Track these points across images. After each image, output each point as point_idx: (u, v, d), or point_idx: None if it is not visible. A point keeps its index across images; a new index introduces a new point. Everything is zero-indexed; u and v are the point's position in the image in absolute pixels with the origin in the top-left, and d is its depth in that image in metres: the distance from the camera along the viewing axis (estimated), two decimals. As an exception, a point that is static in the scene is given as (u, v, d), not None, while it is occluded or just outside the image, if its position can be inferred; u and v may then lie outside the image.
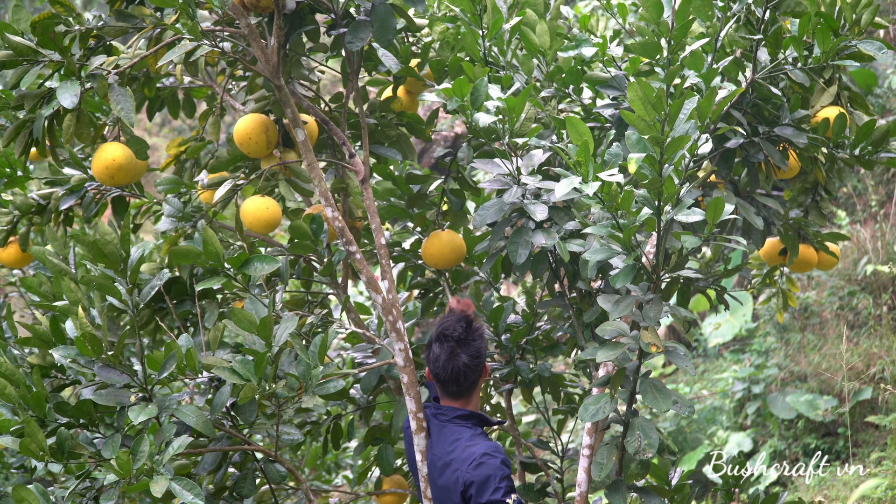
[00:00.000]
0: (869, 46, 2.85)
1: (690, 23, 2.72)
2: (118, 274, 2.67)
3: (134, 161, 2.90)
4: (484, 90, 2.81)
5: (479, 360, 2.92)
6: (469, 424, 2.91)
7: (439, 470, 2.88)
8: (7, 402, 2.49)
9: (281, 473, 3.10)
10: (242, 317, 2.66)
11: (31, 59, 2.66)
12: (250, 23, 2.76)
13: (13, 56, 2.65)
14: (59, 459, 2.49)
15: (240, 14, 2.74)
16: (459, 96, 2.81)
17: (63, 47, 2.65)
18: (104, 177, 2.88)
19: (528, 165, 2.96)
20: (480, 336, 2.95)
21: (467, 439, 2.86)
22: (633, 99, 2.41)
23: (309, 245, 3.07)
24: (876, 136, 3.01)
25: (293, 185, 3.13)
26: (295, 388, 2.66)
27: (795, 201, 3.41)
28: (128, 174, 2.89)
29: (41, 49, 2.65)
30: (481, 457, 2.77)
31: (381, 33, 2.92)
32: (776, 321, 8.98)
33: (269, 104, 3.09)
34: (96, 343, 2.54)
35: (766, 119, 3.04)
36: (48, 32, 2.62)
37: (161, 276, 2.78)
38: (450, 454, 2.85)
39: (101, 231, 2.62)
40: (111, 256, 2.63)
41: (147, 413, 2.53)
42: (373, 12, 2.92)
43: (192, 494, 2.42)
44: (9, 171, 3.39)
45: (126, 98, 2.67)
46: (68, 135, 2.72)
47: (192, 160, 3.41)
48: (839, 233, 3.43)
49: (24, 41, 2.64)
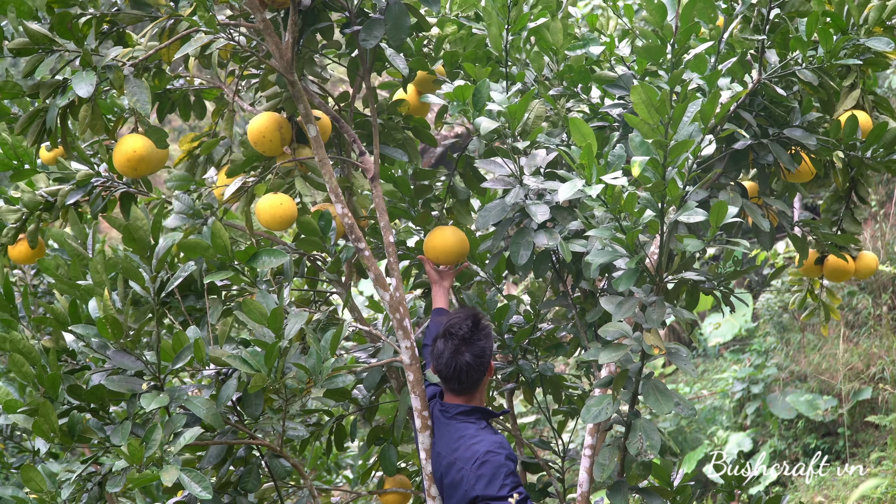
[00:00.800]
0: (877, 43, 2.84)
1: (694, 27, 2.73)
2: (144, 260, 2.66)
3: (154, 151, 2.90)
4: (486, 92, 2.83)
5: (483, 359, 2.92)
6: (472, 419, 2.91)
7: (445, 468, 2.88)
8: (24, 379, 2.48)
9: (286, 469, 3.09)
10: (254, 307, 2.66)
11: (46, 47, 2.65)
12: (266, 17, 2.77)
13: (29, 44, 2.64)
14: (68, 442, 2.48)
15: (255, 8, 2.76)
16: (461, 100, 2.81)
17: (79, 37, 2.65)
18: (126, 169, 2.89)
19: (531, 166, 2.96)
20: (487, 336, 2.95)
21: (471, 436, 2.86)
22: (636, 102, 2.42)
23: (317, 241, 3.07)
24: (888, 138, 3.00)
25: (309, 180, 3.14)
26: (303, 381, 2.65)
27: (830, 210, 3.38)
28: (149, 164, 2.90)
29: (57, 38, 2.64)
30: (485, 455, 2.77)
31: (395, 32, 2.94)
32: (776, 321, 8.98)
33: (281, 101, 3.10)
34: (117, 326, 2.53)
35: (777, 121, 3.03)
36: (65, 21, 2.61)
37: (187, 268, 2.76)
38: (454, 452, 2.85)
39: (134, 216, 2.61)
40: (140, 242, 2.62)
41: (159, 401, 2.52)
42: (387, 11, 2.94)
43: (201, 486, 2.41)
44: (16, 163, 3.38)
45: (142, 89, 2.67)
46: (84, 126, 2.71)
47: (205, 156, 3.41)
48: (850, 236, 3.39)
49: (41, 29, 2.63)
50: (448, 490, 2.87)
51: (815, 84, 2.95)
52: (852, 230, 3.40)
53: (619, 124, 3.15)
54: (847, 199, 3.40)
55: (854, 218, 3.41)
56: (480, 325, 2.95)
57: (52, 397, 2.51)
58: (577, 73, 3.17)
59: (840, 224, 3.42)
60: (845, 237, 3.38)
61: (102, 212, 3.32)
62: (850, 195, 3.38)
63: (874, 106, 3.15)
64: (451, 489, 2.85)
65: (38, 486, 2.50)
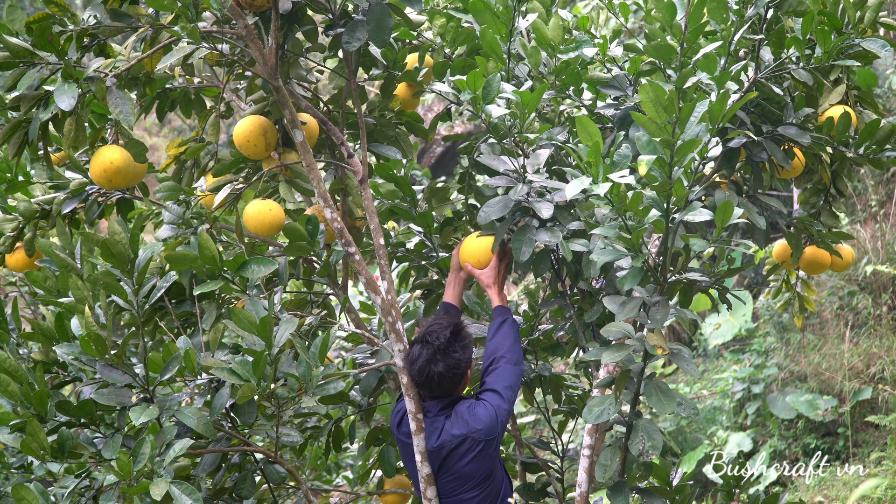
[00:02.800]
0: (872, 44, 2.83)
1: (704, 26, 2.71)
2: (125, 274, 2.65)
3: (132, 164, 2.89)
4: (496, 84, 2.82)
5: (458, 371, 2.92)
6: (451, 407, 2.95)
7: (440, 462, 2.90)
8: (9, 398, 2.48)
9: (281, 474, 3.09)
10: (243, 317, 2.65)
11: (27, 60, 2.65)
12: (248, 24, 2.75)
13: (10, 58, 2.64)
14: (60, 458, 2.48)
15: (237, 15, 2.74)
16: (473, 89, 2.81)
17: (59, 49, 2.64)
18: (102, 180, 2.87)
19: (535, 164, 2.96)
20: (464, 347, 2.94)
21: (465, 409, 2.91)
22: (644, 101, 2.39)
23: (305, 246, 3.06)
24: (881, 135, 3.00)
25: (294, 185, 3.13)
26: (295, 389, 2.65)
27: (808, 203, 3.37)
28: (126, 177, 2.88)
29: (37, 51, 2.64)
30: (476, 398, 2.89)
31: (378, 33, 2.92)
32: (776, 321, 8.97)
33: (268, 105, 3.08)
34: (100, 343, 2.53)
35: (770, 118, 3.02)
36: (45, 34, 2.61)
37: (168, 279, 2.77)
38: (446, 440, 2.90)
39: (111, 230, 2.60)
40: (119, 256, 2.62)
41: (148, 414, 2.52)
42: (369, 12, 2.92)
43: (192, 499, 2.40)
44: (9, 175, 3.38)
45: (125, 101, 2.66)
46: (69, 140, 2.71)
47: (192, 161, 3.40)
48: (843, 232, 3.41)
49: (21, 42, 2.63)
50: (454, 479, 2.89)
51: (810, 84, 2.95)
52: (830, 223, 3.38)
53: (612, 125, 3.14)
54: (826, 193, 3.38)
55: (832, 211, 3.39)
56: (460, 336, 2.94)
57: (41, 414, 2.51)
58: (568, 76, 3.16)
59: (818, 217, 3.40)
60: (839, 234, 3.39)
61: (99, 218, 3.32)
62: (829, 189, 3.36)
63: (857, 101, 3.13)
64: (458, 443, 2.88)
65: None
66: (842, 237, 3.41)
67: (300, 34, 3.07)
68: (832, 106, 3.03)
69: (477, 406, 2.87)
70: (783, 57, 2.90)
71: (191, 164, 3.42)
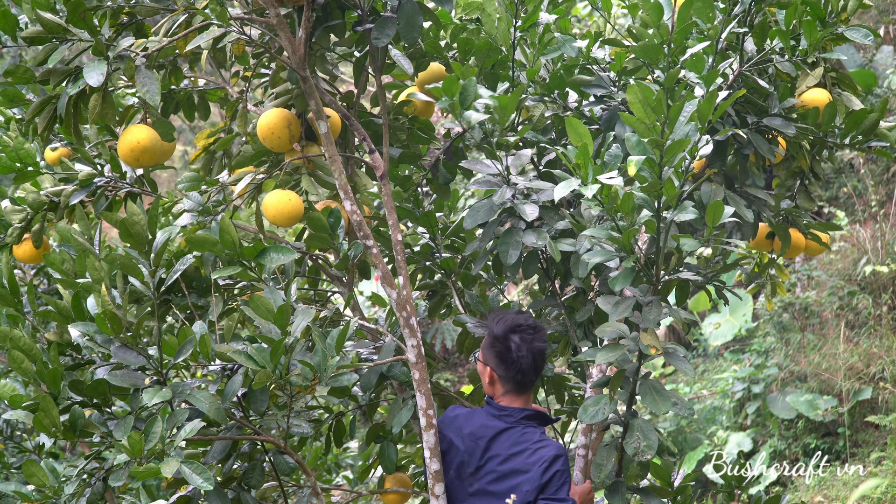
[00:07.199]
0: (855, 34, 2.84)
1: (691, 26, 2.73)
2: (142, 255, 2.65)
3: (159, 143, 2.89)
4: (473, 90, 2.82)
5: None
6: (534, 424, 2.88)
7: (496, 474, 2.84)
8: (24, 376, 2.46)
9: (290, 466, 3.09)
10: (261, 303, 2.64)
11: (60, 36, 2.65)
12: (280, 13, 2.77)
13: (43, 33, 2.64)
14: (70, 437, 2.46)
15: (270, 3, 2.75)
16: (449, 95, 2.82)
17: (93, 27, 2.64)
18: (129, 159, 2.88)
19: (517, 165, 2.96)
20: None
21: (536, 441, 2.82)
22: (632, 101, 2.40)
23: (326, 238, 3.06)
24: (866, 124, 2.99)
25: (316, 178, 3.14)
26: (309, 378, 2.65)
27: (784, 186, 3.35)
28: (153, 156, 2.89)
29: (71, 27, 2.64)
30: (553, 459, 2.75)
31: (408, 30, 2.93)
32: (776, 321, 8.98)
33: (291, 98, 3.09)
34: (116, 321, 2.51)
35: (755, 109, 3.03)
36: (78, 9, 2.60)
37: (185, 261, 2.76)
38: (513, 459, 2.81)
39: (130, 211, 2.60)
40: (137, 237, 2.61)
41: (161, 396, 2.50)
42: (399, 10, 2.93)
43: (202, 478, 2.38)
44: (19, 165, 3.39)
45: (152, 81, 2.66)
46: (94, 115, 2.70)
47: (223, 152, 3.43)
48: (833, 224, 3.39)
49: (55, 18, 2.62)
50: (487, 476, 2.84)
51: (794, 75, 2.94)
52: (806, 206, 3.37)
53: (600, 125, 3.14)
54: (802, 176, 3.36)
55: (808, 194, 3.37)
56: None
57: (53, 393, 2.49)
58: (552, 80, 3.17)
59: (794, 199, 3.39)
60: (827, 224, 3.40)
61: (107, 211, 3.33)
62: (805, 172, 3.34)
63: (835, 82, 3.11)
64: (495, 477, 2.81)
65: (41, 480, 2.49)
66: (831, 228, 3.40)
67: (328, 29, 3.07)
68: (809, 88, 3.00)
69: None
70: (767, 49, 2.90)
71: (221, 156, 3.44)
